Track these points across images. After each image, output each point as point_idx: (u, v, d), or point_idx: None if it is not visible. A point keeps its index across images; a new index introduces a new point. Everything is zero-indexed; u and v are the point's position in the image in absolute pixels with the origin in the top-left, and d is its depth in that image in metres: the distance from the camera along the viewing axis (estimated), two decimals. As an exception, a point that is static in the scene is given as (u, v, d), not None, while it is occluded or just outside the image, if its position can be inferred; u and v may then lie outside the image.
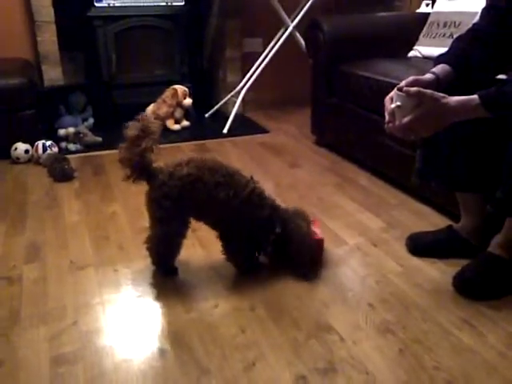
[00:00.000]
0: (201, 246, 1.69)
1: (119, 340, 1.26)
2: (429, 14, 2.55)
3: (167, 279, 1.52)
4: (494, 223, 1.49)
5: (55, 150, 2.52)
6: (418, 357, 1.20)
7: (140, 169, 1.39)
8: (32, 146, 2.49)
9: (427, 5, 2.75)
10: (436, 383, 1.12)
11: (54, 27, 2.87)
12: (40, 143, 2.48)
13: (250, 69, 3.14)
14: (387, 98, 1.35)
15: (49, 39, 2.88)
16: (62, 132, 2.74)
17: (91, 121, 2.93)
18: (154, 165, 1.42)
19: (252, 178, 1.50)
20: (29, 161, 2.49)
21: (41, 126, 2.62)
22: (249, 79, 3.07)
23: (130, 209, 2.00)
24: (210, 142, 2.84)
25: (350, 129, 2.47)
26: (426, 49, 2.45)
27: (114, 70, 3.13)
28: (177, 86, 3.08)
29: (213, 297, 1.42)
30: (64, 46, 2.97)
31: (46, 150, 2.47)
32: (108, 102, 3.11)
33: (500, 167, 1.33)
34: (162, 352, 1.21)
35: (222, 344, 1.24)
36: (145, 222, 1.87)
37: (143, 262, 1.60)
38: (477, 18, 1.53)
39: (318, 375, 1.14)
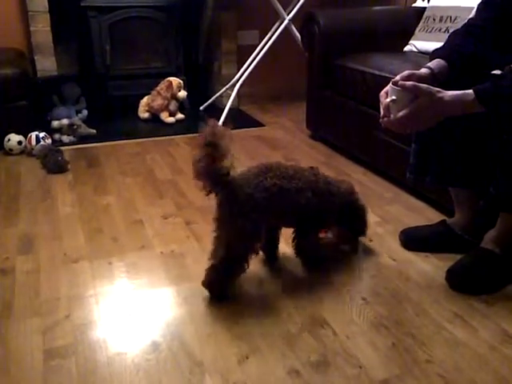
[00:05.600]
0: (196, 239, 1.69)
1: (113, 333, 1.26)
2: (425, 8, 2.54)
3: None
4: (488, 218, 1.49)
5: (49, 141, 2.50)
6: (411, 351, 1.20)
7: (216, 179, 1.28)
8: (25, 137, 2.47)
9: (423, -1, 2.75)
10: (428, 377, 1.13)
11: (47, 17, 2.84)
12: (33, 134, 2.46)
13: (245, 62, 3.12)
14: (382, 93, 1.35)
15: (42, 29, 2.85)
16: (55, 123, 2.71)
17: (85, 112, 2.90)
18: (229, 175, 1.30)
19: (313, 168, 1.50)
20: (22, 152, 2.47)
21: (34, 117, 2.59)
22: (244, 72, 3.06)
23: (124, 201, 1.99)
24: (204, 135, 2.83)
25: (345, 123, 2.47)
26: (421, 43, 2.45)
27: (108, 62, 3.10)
28: (171, 78, 3.06)
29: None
30: (58, 37, 2.94)
31: (40, 141, 2.45)
32: (102, 94, 3.10)
33: (493, 163, 1.34)
34: (155, 345, 1.21)
35: (215, 337, 1.24)
36: (138, 214, 1.88)
37: (137, 255, 1.60)
38: (473, 13, 1.53)
39: (311, 368, 1.14)
